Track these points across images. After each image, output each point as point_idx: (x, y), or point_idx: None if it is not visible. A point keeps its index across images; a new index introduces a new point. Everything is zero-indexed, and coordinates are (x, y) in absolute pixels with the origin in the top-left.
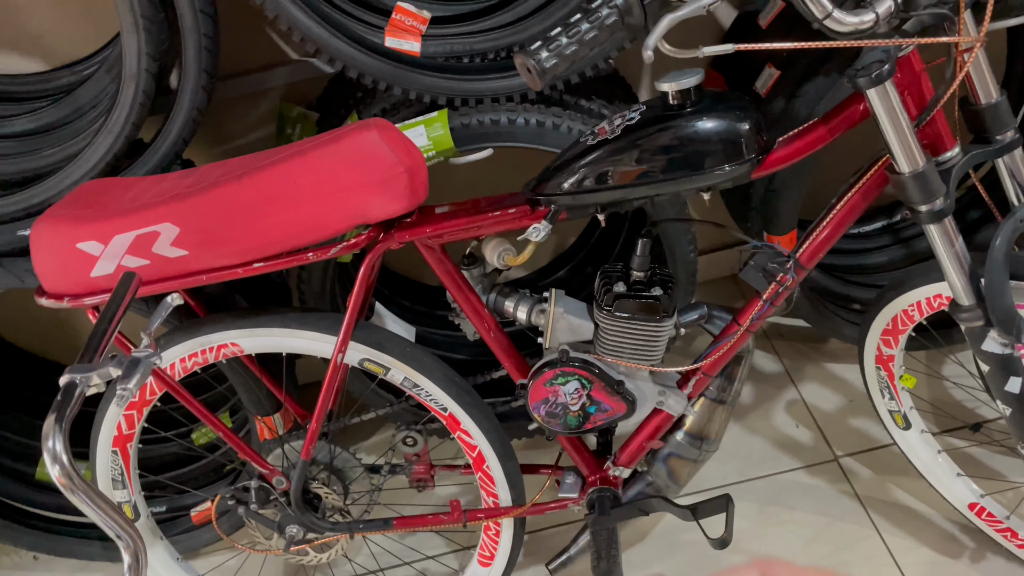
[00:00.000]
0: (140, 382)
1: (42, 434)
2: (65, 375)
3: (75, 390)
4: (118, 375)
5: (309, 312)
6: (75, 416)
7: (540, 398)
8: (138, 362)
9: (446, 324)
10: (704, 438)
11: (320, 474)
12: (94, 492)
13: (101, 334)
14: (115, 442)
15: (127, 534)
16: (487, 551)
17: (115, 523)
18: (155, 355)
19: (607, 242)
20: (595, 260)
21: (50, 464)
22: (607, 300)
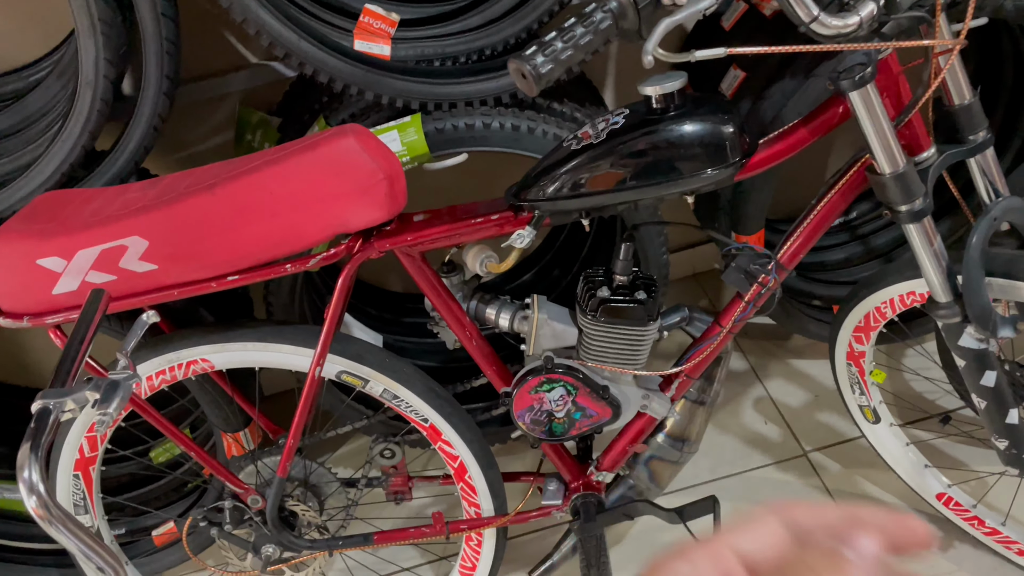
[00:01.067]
0: (120, 406)
1: (16, 464)
2: (38, 401)
3: (48, 416)
4: (95, 399)
5: (284, 325)
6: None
7: (525, 406)
8: (117, 385)
9: (414, 331)
10: (685, 440)
11: (295, 490)
12: (73, 523)
13: (73, 356)
14: (77, 466)
15: (111, 564)
16: (468, 562)
17: (97, 553)
18: (134, 377)
19: (573, 245)
20: (562, 263)
21: (26, 495)
22: (591, 305)
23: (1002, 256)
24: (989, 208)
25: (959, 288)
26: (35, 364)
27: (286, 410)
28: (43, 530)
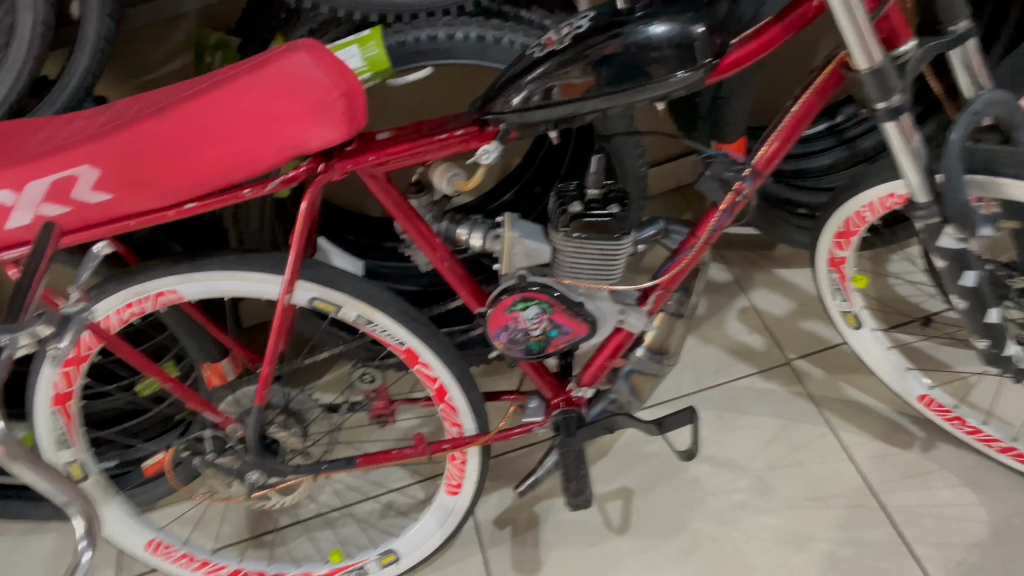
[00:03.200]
0: (73, 340)
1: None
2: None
3: (1, 353)
4: (48, 334)
5: (251, 253)
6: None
7: (500, 326)
8: (69, 319)
9: (394, 256)
10: (664, 352)
11: (277, 418)
12: (35, 460)
13: (24, 291)
14: (54, 402)
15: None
16: (454, 480)
17: (62, 489)
18: (86, 310)
19: (554, 161)
20: (543, 180)
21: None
22: (563, 221)
23: (983, 152)
24: (971, 102)
25: (938, 187)
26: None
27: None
28: None
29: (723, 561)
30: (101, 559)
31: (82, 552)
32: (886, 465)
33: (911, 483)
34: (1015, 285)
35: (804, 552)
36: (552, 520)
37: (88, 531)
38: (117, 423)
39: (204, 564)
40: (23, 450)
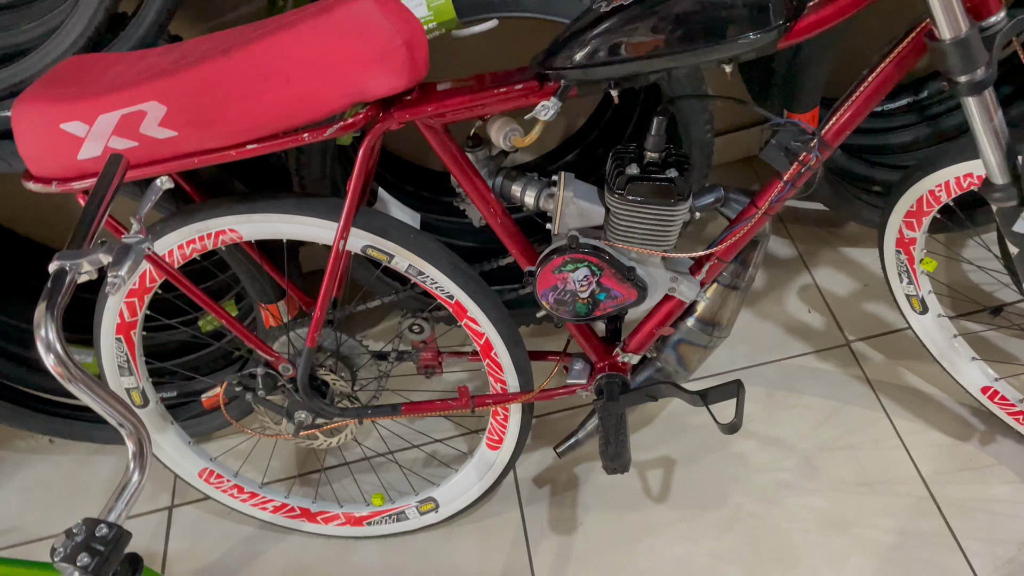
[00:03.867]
0: (132, 269)
1: (34, 322)
2: (54, 262)
3: (65, 277)
4: (108, 261)
5: (309, 197)
6: (67, 304)
7: (548, 285)
8: (128, 248)
9: (453, 210)
10: (716, 324)
11: (327, 361)
12: (91, 380)
13: (90, 219)
14: (118, 330)
15: (129, 421)
16: (495, 435)
17: (116, 411)
18: (146, 241)
19: (619, 123)
20: (607, 142)
21: (44, 353)
22: (619, 183)
23: None
24: None
25: (1018, 169)
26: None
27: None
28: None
29: (762, 537)
30: (159, 484)
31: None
32: (941, 456)
33: (966, 476)
34: None
35: (846, 536)
36: (591, 483)
37: (139, 452)
38: (179, 356)
39: (252, 495)
40: (81, 372)
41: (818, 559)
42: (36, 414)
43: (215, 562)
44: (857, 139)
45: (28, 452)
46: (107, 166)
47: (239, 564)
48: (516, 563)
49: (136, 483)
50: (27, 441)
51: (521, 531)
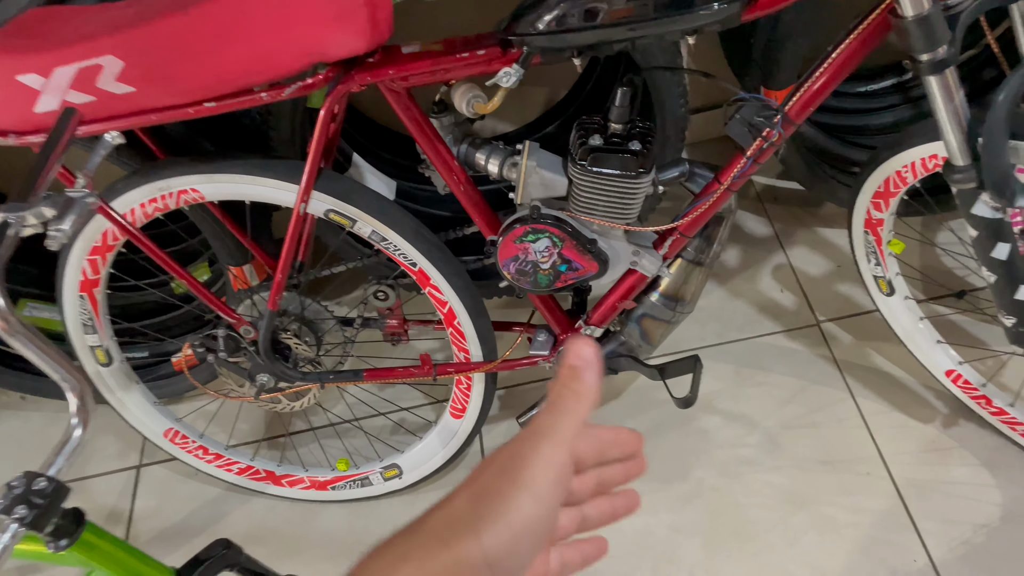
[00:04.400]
0: (76, 224)
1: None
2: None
3: (7, 230)
4: (52, 215)
5: (273, 159)
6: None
7: (510, 255)
8: (72, 202)
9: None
10: (679, 300)
11: (291, 325)
12: (32, 334)
13: (37, 172)
14: (81, 287)
15: (72, 376)
16: (459, 404)
17: (57, 365)
18: (91, 195)
19: (601, 95)
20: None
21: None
22: (581, 153)
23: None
24: None
25: (978, 150)
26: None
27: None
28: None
29: (721, 512)
30: (128, 444)
31: (74, 427)
32: (903, 437)
33: (926, 457)
34: None
35: (804, 512)
36: None
37: (80, 408)
38: (152, 316)
39: (218, 457)
40: (22, 325)
41: (775, 535)
42: (10, 371)
43: (180, 521)
44: (838, 119)
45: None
46: (59, 120)
47: (204, 524)
48: None
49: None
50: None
51: None
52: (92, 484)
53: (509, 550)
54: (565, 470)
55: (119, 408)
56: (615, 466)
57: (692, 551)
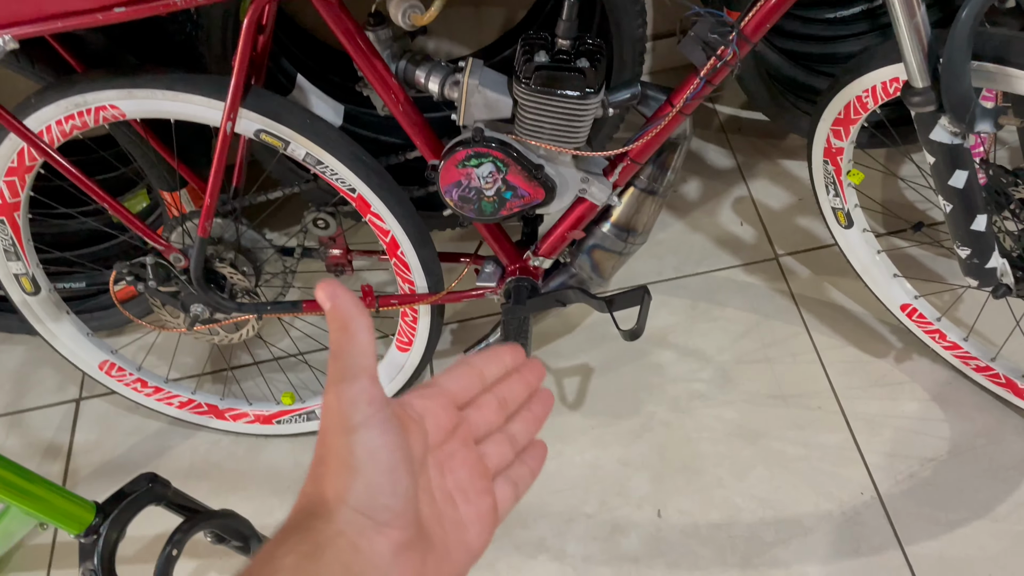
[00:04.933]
0: None
1: None
2: None
3: None
4: None
5: (197, 75)
6: None
7: (452, 180)
8: None
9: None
10: (631, 230)
11: (226, 254)
12: None
13: None
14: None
15: None
16: (405, 337)
17: None
18: None
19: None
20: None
21: None
22: (525, 71)
23: (996, 37)
24: None
25: (939, 72)
26: None
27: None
28: None
29: (671, 446)
30: (67, 376)
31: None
32: (855, 371)
33: (877, 392)
34: (1017, 195)
35: (754, 447)
36: None
37: None
38: (89, 245)
39: (157, 390)
40: None
41: (723, 469)
42: None
43: (121, 455)
44: (804, 47)
45: None
46: None
47: (146, 458)
48: None
49: None
50: None
51: None
52: (29, 417)
53: (368, 490)
54: (371, 399)
55: (49, 339)
56: (511, 380)
57: (641, 484)
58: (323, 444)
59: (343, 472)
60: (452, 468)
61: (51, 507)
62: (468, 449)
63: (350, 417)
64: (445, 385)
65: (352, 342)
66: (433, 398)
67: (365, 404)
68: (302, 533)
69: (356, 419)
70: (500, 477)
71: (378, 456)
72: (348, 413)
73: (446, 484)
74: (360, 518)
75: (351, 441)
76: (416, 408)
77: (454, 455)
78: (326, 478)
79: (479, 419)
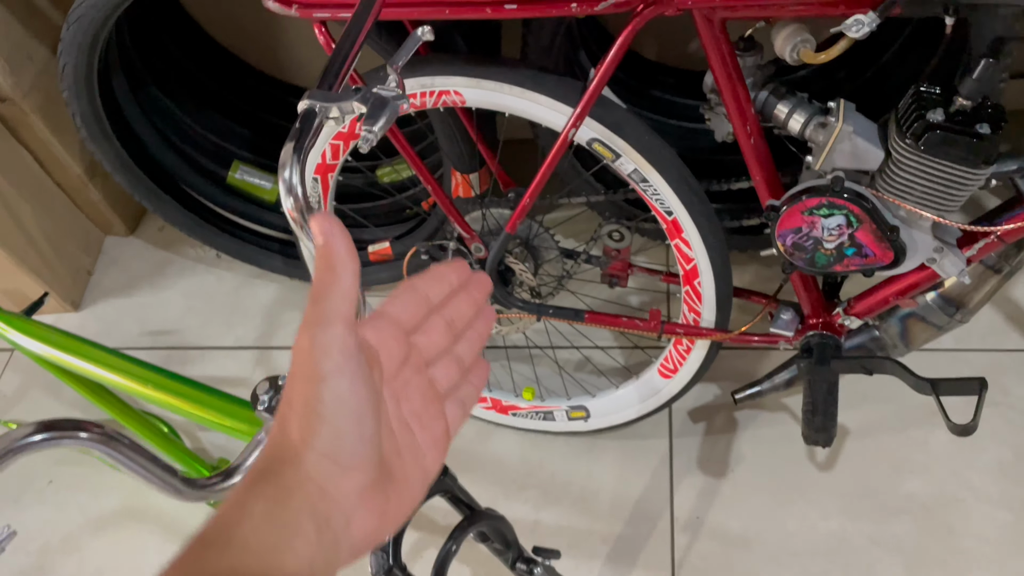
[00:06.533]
0: (386, 126)
1: (279, 162)
2: (304, 101)
3: (314, 119)
4: (362, 112)
5: (546, 74)
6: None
7: (791, 226)
8: (385, 103)
9: (660, 107)
10: (961, 307)
11: (515, 248)
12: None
13: (343, 59)
14: (317, 170)
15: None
16: (672, 364)
17: None
18: (403, 97)
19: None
20: (851, 63)
21: (284, 195)
22: (916, 129)
23: None
24: None
25: None
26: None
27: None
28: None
29: (931, 537)
30: None
31: None
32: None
33: None
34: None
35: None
36: (751, 431)
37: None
38: (350, 202)
39: None
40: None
41: (987, 573)
42: (214, 229)
43: None
44: None
45: (195, 261)
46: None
47: None
48: (655, 492)
49: None
50: (196, 250)
51: (666, 461)
52: (276, 355)
53: (334, 437)
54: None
55: None
56: (458, 299)
57: (893, 570)
58: (291, 388)
59: (310, 418)
60: (407, 397)
61: None
62: (420, 376)
63: (320, 365)
64: (394, 315)
65: (336, 284)
66: (385, 330)
67: (337, 352)
68: (270, 478)
69: (326, 367)
70: (449, 399)
71: (346, 404)
72: (319, 361)
73: (402, 413)
74: (327, 463)
75: (319, 389)
76: (371, 343)
77: (408, 383)
78: (292, 422)
79: (428, 344)
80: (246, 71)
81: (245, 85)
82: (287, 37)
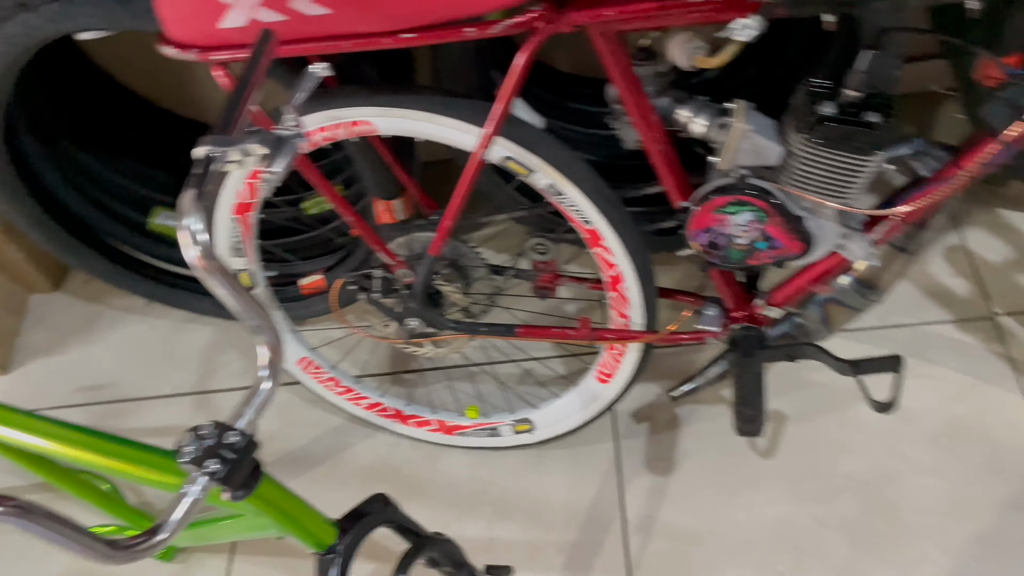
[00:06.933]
0: (286, 166)
1: (178, 209)
2: (201, 147)
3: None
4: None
5: (455, 98)
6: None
7: (704, 226)
8: (283, 142)
9: (577, 118)
10: (873, 287)
11: (444, 270)
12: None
13: (237, 100)
14: (236, 210)
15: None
16: (607, 368)
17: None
18: (300, 135)
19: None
20: (759, 61)
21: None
22: (808, 122)
23: None
24: None
25: None
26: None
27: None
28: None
29: (874, 512)
30: (250, 362)
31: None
32: None
33: None
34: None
35: (966, 524)
36: (694, 427)
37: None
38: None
39: (348, 390)
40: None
41: (931, 543)
42: (139, 276)
43: (303, 447)
44: None
45: (125, 311)
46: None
47: (326, 453)
48: (606, 495)
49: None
50: (124, 300)
51: (614, 464)
52: (215, 399)
53: None
54: None
55: None
56: None
57: (839, 548)
58: None
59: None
60: None
61: (300, 523)
62: None
63: None
64: None
65: None
66: None
67: None
68: None
69: None
70: None
71: None
72: None
73: None
74: None
75: None
76: None
77: None
78: None
79: None
80: (163, 116)
81: (163, 130)
82: (199, 79)
